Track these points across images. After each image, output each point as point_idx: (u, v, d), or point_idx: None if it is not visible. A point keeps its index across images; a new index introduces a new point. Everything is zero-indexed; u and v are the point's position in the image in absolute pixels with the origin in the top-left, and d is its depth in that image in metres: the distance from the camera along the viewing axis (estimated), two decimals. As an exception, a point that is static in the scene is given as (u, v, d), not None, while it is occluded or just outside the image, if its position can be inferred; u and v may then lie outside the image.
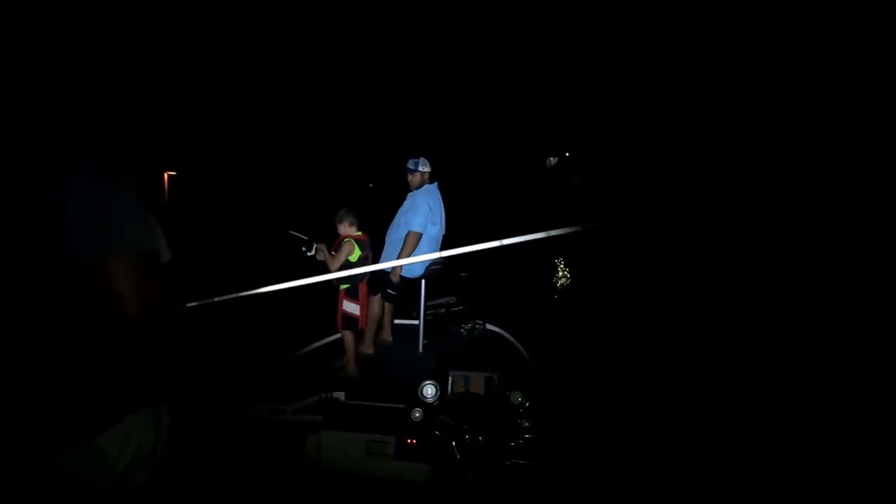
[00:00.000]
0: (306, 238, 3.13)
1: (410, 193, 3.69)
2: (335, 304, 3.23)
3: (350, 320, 3.18)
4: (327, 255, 3.16)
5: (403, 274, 3.50)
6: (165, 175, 22.90)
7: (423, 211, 3.51)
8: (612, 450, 3.42)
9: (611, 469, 3.20)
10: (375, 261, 3.51)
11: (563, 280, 10.90)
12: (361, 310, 3.23)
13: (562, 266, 12.66)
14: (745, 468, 3.29)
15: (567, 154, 30.47)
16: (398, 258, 3.48)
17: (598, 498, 2.99)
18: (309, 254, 3.16)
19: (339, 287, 3.21)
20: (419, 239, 3.51)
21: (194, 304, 2.46)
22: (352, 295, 3.20)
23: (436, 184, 3.73)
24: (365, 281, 3.29)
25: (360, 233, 3.30)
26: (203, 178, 24.40)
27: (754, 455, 3.44)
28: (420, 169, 3.69)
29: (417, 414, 2.77)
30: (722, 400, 4.31)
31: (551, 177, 31.05)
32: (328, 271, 3.18)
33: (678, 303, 8.55)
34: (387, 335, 3.71)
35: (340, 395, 2.88)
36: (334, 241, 3.26)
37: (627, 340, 6.11)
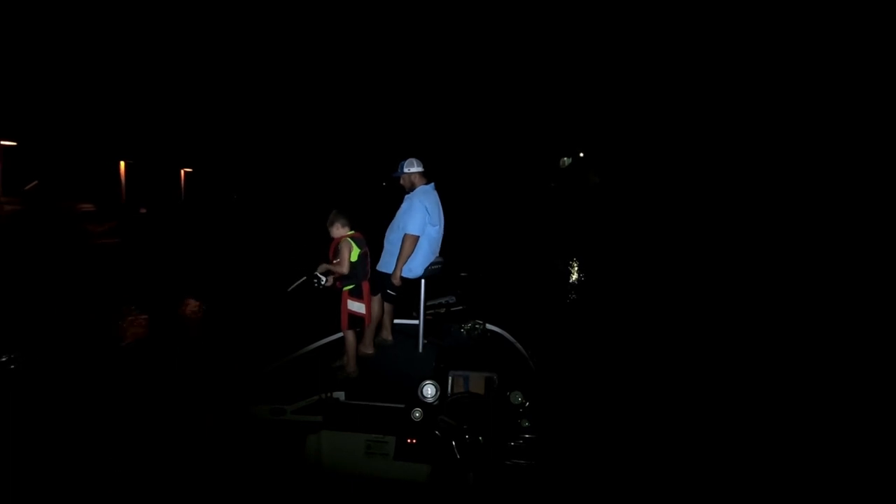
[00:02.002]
0: (305, 277, 3.10)
1: (407, 195, 3.68)
2: (334, 304, 3.23)
3: (356, 319, 3.18)
4: (331, 265, 3.16)
5: (403, 275, 3.51)
6: (182, 172, 23.19)
7: (419, 213, 3.50)
8: (611, 449, 3.41)
9: (610, 468, 3.19)
10: (374, 261, 3.51)
11: (563, 281, 10.82)
12: (367, 307, 3.23)
13: (562, 267, 12.56)
14: (745, 468, 3.26)
15: (581, 154, 30.41)
16: (397, 262, 3.49)
17: (598, 497, 2.98)
18: (324, 282, 3.12)
19: (342, 289, 3.21)
20: (416, 241, 3.50)
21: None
22: (356, 295, 3.20)
23: (432, 184, 3.72)
24: (367, 278, 3.30)
25: (353, 231, 3.31)
26: (218, 175, 24.69)
27: (754, 455, 3.41)
28: (406, 171, 3.67)
29: (417, 414, 2.78)
30: (722, 400, 4.29)
31: (566, 177, 30.92)
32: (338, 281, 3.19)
33: (678, 303, 8.50)
34: (387, 335, 3.71)
35: (340, 395, 2.88)
36: (330, 247, 3.26)
37: (627, 341, 6.09)
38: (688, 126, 21.65)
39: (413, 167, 3.67)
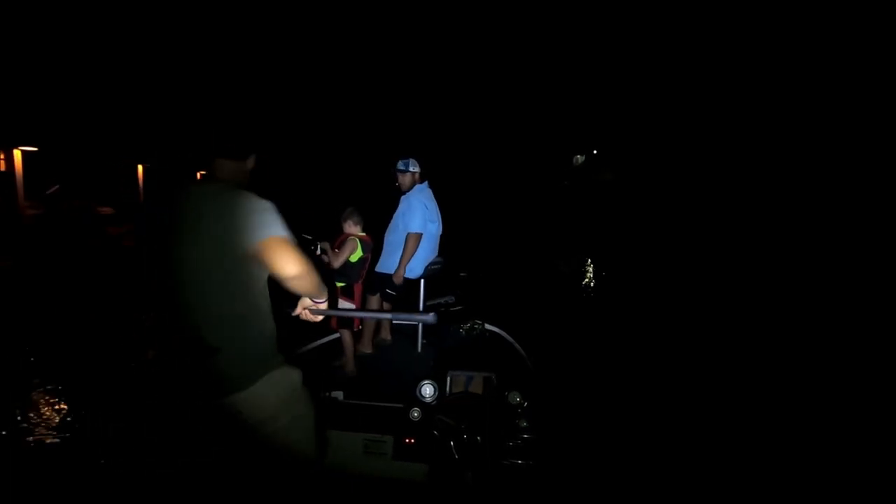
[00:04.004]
0: (311, 237, 3.17)
1: (403, 196, 3.71)
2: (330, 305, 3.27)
3: (344, 319, 3.22)
4: (330, 251, 3.22)
5: (404, 275, 3.53)
6: (198, 174, 23.58)
7: (419, 211, 3.53)
8: (610, 450, 3.38)
9: (609, 469, 3.17)
10: (374, 263, 3.54)
11: (565, 281, 10.71)
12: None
13: (563, 268, 12.43)
14: (745, 468, 3.22)
15: (595, 152, 30.08)
16: (401, 261, 3.51)
17: (597, 498, 2.96)
18: (318, 252, 3.20)
19: (335, 284, 3.25)
20: (419, 239, 3.53)
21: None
22: (347, 294, 3.23)
23: (426, 183, 3.75)
24: (360, 281, 3.33)
25: (363, 233, 3.35)
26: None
27: (754, 455, 3.36)
28: (411, 169, 3.70)
29: (416, 413, 2.78)
30: (721, 400, 4.23)
31: (579, 175, 30.62)
32: (330, 269, 3.23)
33: (678, 302, 8.37)
34: (386, 335, 3.73)
35: (339, 395, 2.90)
36: (336, 239, 3.31)
37: (626, 340, 6.03)
38: (704, 123, 21.26)
39: (416, 167, 3.71)
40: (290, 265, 1.50)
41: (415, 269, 3.55)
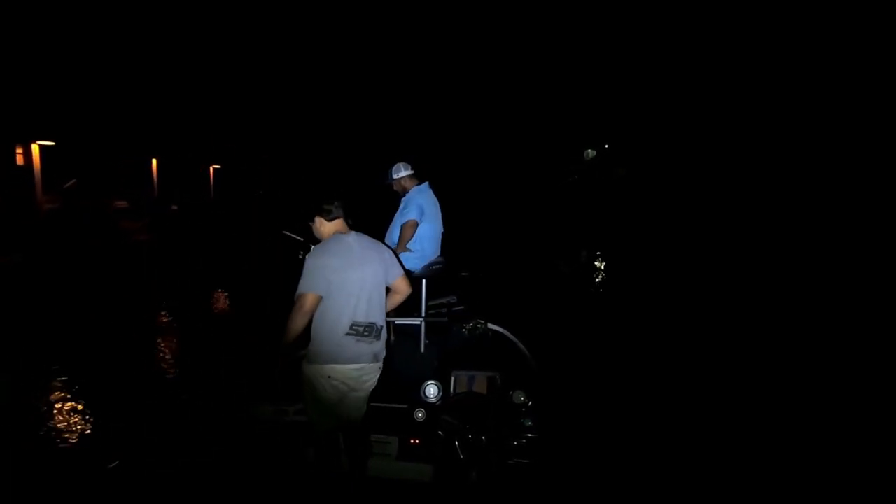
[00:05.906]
0: (302, 240, 3.14)
1: (403, 199, 3.72)
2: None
3: None
4: None
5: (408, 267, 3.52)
6: (211, 168, 23.77)
7: (414, 206, 3.55)
8: (614, 449, 3.38)
9: (612, 468, 3.16)
10: None
11: (563, 281, 10.59)
12: None
13: (562, 266, 12.29)
14: (745, 468, 3.19)
15: (607, 146, 29.60)
16: (397, 246, 3.51)
17: (600, 497, 2.96)
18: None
19: None
20: (416, 226, 3.54)
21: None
22: None
23: (426, 183, 3.74)
24: None
25: None
26: (245, 171, 25.16)
27: (754, 455, 3.34)
28: (395, 177, 3.71)
29: (420, 414, 2.79)
30: (722, 400, 4.20)
31: (589, 170, 30.16)
32: None
33: (680, 302, 8.27)
34: (389, 336, 3.74)
35: None
36: None
37: (629, 340, 5.98)
38: (724, 117, 20.79)
39: (401, 172, 3.71)
40: (408, 287, 2.62)
41: (416, 267, 3.54)
